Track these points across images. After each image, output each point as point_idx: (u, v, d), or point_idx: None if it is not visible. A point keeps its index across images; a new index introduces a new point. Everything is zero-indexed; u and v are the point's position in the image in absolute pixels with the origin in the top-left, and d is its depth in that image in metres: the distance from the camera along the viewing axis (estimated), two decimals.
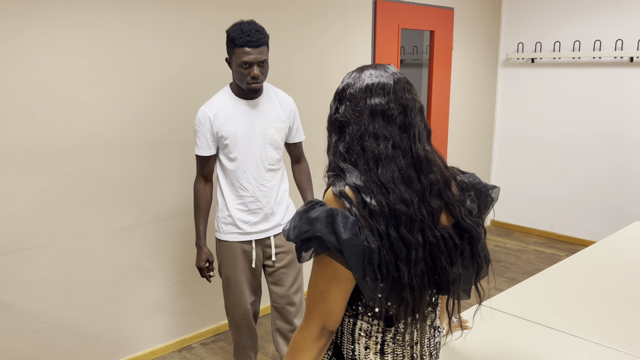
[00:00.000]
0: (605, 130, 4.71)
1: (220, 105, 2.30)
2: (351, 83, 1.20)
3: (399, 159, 1.13)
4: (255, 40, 2.16)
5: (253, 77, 2.20)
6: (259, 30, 2.19)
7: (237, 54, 2.18)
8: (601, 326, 1.74)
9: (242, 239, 2.38)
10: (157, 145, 2.95)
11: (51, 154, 2.58)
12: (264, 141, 2.32)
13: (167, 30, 2.90)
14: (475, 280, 1.26)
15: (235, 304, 2.43)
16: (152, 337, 3.09)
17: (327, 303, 1.14)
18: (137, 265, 2.96)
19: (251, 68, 2.19)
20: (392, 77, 1.18)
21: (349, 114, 1.17)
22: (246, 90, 2.26)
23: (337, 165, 1.17)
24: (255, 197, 2.35)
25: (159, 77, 2.91)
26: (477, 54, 5.06)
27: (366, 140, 1.14)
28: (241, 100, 2.31)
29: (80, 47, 2.60)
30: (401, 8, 4.18)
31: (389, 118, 1.15)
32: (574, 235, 5.02)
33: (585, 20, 4.69)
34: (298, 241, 1.10)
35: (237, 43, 2.17)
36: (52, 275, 2.65)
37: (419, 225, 1.12)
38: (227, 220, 2.37)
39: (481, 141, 5.36)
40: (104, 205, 2.79)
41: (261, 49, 2.19)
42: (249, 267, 2.41)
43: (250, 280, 2.43)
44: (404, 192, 1.11)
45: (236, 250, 2.38)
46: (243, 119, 2.29)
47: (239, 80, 2.24)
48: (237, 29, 2.19)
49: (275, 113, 2.36)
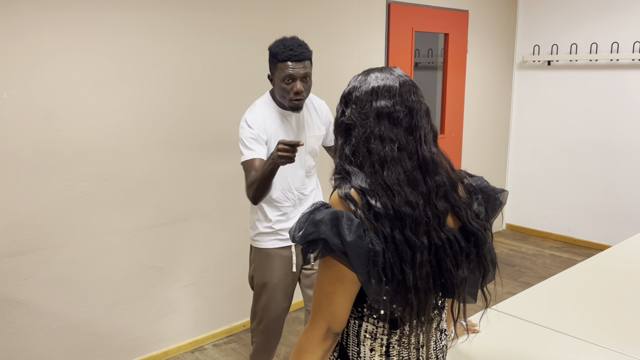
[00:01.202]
0: (623, 133, 4.64)
1: (265, 114, 2.26)
2: (357, 86, 1.20)
3: (404, 161, 1.13)
4: (298, 54, 2.12)
5: (296, 93, 2.15)
6: (302, 45, 2.16)
7: (280, 68, 2.14)
8: (611, 331, 1.72)
9: (281, 244, 2.34)
10: (172, 147, 2.98)
11: (67, 156, 2.62)
12: (305, 151, 2.32)
13: (183, 33, 2.93)
14: (481, 284, 1.25)
15: (269, 309, 2.38)
16: (165, 337, 3.12)
17: (333, 305, 1.14)
18: (151, 266, 2.99)
19: (294, 83, 2.14)
20: (397, 79, 1.19)
21: (355, 116, 1.17)
22: (288, 108, 2.24)
23: (343, 168, 1.18)
24: (295, 205, 2.34)
25: (175, 79, 2.94)
26: (492, 57, 5.02)
27: (372, 142, 1.14)
28: (285, 112, 2.27)
29: (96, 49, 2.65)
30: (415, 11, 4.17)
31: (394, 120, 1.15)
32: (591, 240, 4.95)
33: (602, 21, 4.63)
34: (304, 243, 1.11)
35: (279, 58, 2.13)
36: (67, 275, 2.70)
37: (424, 227, 1.12)
38: (268, 231, 2.33)
39: (496, 144, 5.31)
40: (119, 207, 2.83)
41: (304, 63, 2.14)
42: (288, 272, 2.36)
43: (289, 286, 2.39)
44: (409, 194, 1.11)
45: (275, 256, 2.34)
46: (287, 130, 2.27)
47: (281, 97, 2.19)
48: (279, 44, 2.16)
49: (313, 122, 2.35)
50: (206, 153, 3.12)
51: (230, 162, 3.21)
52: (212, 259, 3.25)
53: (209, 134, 3.11)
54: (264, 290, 2.37)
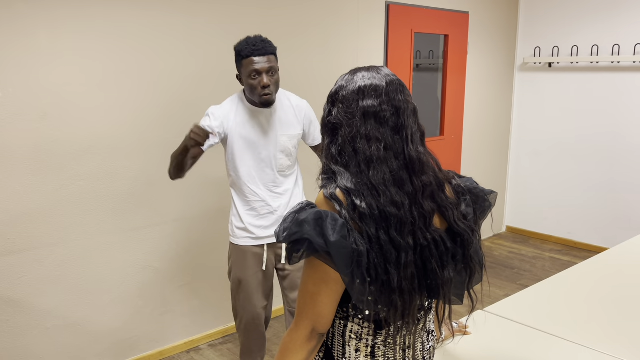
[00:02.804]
0: (624, 136, 4.61)
1: (233, 110, 2.30)
2: (344, 85, 1.19)
3: (390, 160, 1.13)
4: (261, 49, 2.17)
5: (263, 87, 2.19)
6: (265, 41, 2.21)
7: (245, 65, 2.19)
8: (603, 333, 1.70)
9: (253, 243, 2.39)
10: (168, 147, 2.97)
11: (63, 156, 2.62)
12: (275, 149, 2.33)
13: (179, 32, 2.93)
14: (468, 285, 1.24)
15: (245, 307, 2.43)
16: (160, 337, 3.11)
17: (317, 305, 1.14)
18: (147, 266, 2.99)
19: (260, 77, 2.18)
20: (384, 78, 1.18)
21: (341, 116, 1.17)
22: (259, 104, 2.27)
23: (329, 167, 1.17)
24: (266, 202, 2.36)
25: (171, 78, 2.94)
26: (492, 59, 5.01)
27: (358, 142, 1.13)
28: (254, 108, 2.31)
29: (92, 48, 2.65)
30: (415, 12, 4.16)
31: (381, 120, 1.14)
32: (591, 243, 4.92)
33: (603, 24, 4.61)
34: (288, 243, 1.10)
35: (243, 55, 2.19)
36: (62, 274, 2.70)
37: (410, 228, 1.11)
38: (239, 225, 2.39)
39: (497, 147, 5.29)
40: (115, 206, 2.82)
41: (269, 57, 2.19)
42: (260, 271, 2.41)
43: (262, 284, 2.43)
44: (395, 194, 1.10)
45: (247, 253, 2.39)
46: (255, 127, 2.30)
47: (250, 93, 2.24)
48: (242, 42, 2.22)
49: (287, 120, 2.35)
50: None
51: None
52: (207, 259, 3.25)
53: None
54: (240, 288, 2.41)
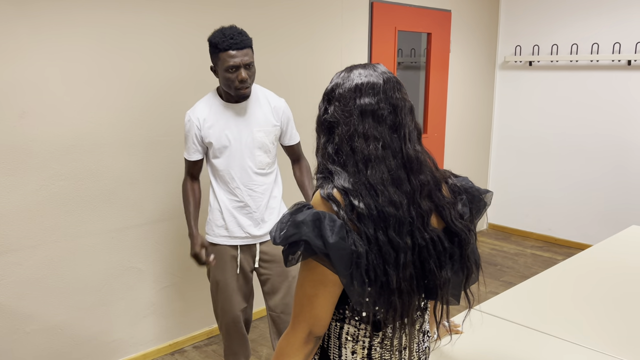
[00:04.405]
0: (603, 133, 4.69)
1: (206, 110, 2.26)
2: (340, 83, 1.18)
3: (388, 159, 1.11)
4: (238, 42, 2.11)
5: (241, 81, 2.14)
6: (242, 33, 2.14)
7: (222, 58, 2.12)
8: (594, 331, 1.72)
9: (230, 242, 2.35)
10: (151, 146, 2.93)
11: (43, 155, 2.56)
12: (253, 145, 2.28)
13: (160, 31, 2.88)
14: (464, 285, 1.24)
15: (225, 309, 2.40)
16: (144, 340, 3.06)
17: (315, 308, 1.12)
18: (130, 267, 2.94)
19: (238, 71, 2.13)
20: (381, 76, 1.16)
21: (338, 114, 1.15)
22: (234, 96, 2.23)
23: (326, 167, 1.15)
24: (245, 202, 2.31)
25: (154, 77, 2.89)
26: (474, 57, 5.04)
27: (356, 141, 1.12)
28: (228, 104, 2.27)
29: (73, 47, 2.58)
30: (398, 10, 4.17)
31: (379, 118, 1.13)
32: (571, 239, 5.00)
33: (582, 23, 4.68)
34: (285, 244, 1.08)
35: (220, 47, 2.11)
36: (43, 277, 2.63)
37: (408, 227, 1.10)
38: (218, 223, 2.34)
39: (478, 144, 5.34)
40: (97, 207, 2.77)
41: (246, 51, 2.13)
42: (238, 273, 2.38)
43: (241, 286, 2.39)
44: (393, 193, 1.09)
45: (225, 254, 2.35)
46: (230, 123, 2.25)
47: (226, 87, 2.19)
48: (218, 34, 2.13)
49: (263, 116, 2.30)
50: None
51: None
52: (191, 260, 3.20)
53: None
54: (218, 290, 2.38)
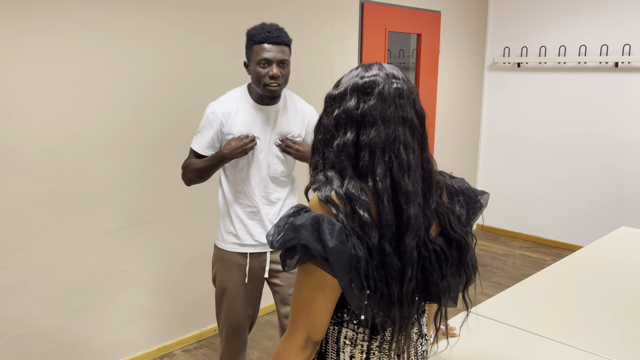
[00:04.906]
0: (591, 135, 4.73)
1: (232, 106, 2.13)
2: (378, 81, 1.11)
3: (414, 169, 1.09)
4: (275, 37, 2.00)
5: (272, 77, 2.01)
6: (281, 29, 2.05)
7: (255, 51, 2.01)
8: (589, 333, 1.72)
9: (238, 249, 2.22)
10: (139, 147, 2.88)
11: (29, 156, 2.50)
12: (271, 152, 2.16)
13: (150, 31, 2.84)
14: (463, 289, 1.23)
15: (228, 316, 2.28)
16: (132, 343, 3.01)
17: (313, 312, 1.10)
18: (118, 270, 2.89)
19: (270, 67, 2.00)
20: (407, 83, 1.14)
21: (378, 113, 1.08)
22: (263, 95, 2.09)
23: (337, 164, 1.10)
24: (257, 208, 2.19)
25: (143, 78, 2.84)
26: (463, 58, 5.06)
27: (397, 146, 1.08)
28: (257, 105, 2.14)
29: (61, 46, 2.54)
30: (388, 11, 4.16)
31: (413, 128, 1.11)
32: (559, 240, 5.03)
33: (570, 25, 4.72)
34: (283, 248, 1.06)
35: (255, 40, 2.01)
36: (29, 280, 2.58)
37: (417, 239, 1.09)
38: (228, 229, 2.23)
39: (467, 145, 5.36)
40: (84, 209, 2.72)
41: (282, 47, 2.03)
42: (245, 282, 2.26)
43: (248, 295, 2.27)
44: (417, 203, 1.08)
45: (232, 262, 2.24)
46: (255, 125, 2.13)
47: (256, 82, 2.06)
48: (257, 27, 2.05)
49: (288, 125, 2.18)
50: (174, 153, 3.03)
51: None
52: (181, 262, 3.17)
53: (177, 133, 3.02)
54: (224, 297, 2.28)
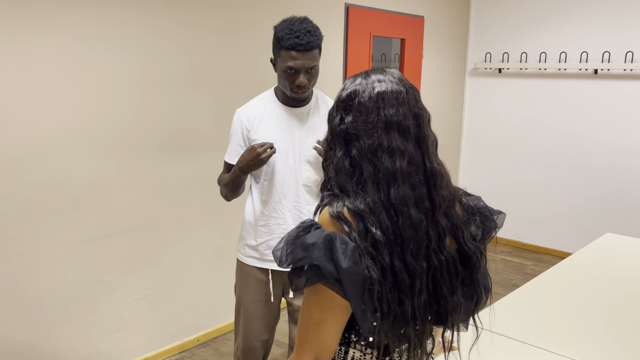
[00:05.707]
0: (571, 141, 4.79)
1: (258, 109, 2.04)
2: (359, 90, 1.08)
3: (413, 176, 1.04)
4: (304, 43, 1.87)
5: (298, 86, 1.92)
6: (311, 32, 1.90)
7: (283, 57, 1.90)
8: (582, 343, 1.71)
9: (259, 264, 2.09)
10: (121, 150, 2.78)
11: (4, 161, 2.39)
12: (301, 157, 2.03)
13: (134, 31, 2.74)
14: (473, 310, 1.18)
15: (244, 334, 2.15)
16: (113, 355, 2.91)
17: (322, 334, 1.05)
18: (98, 280, 2.78)
19: (297, 75, 1.90)
20: (401, 83, 1.09)
21: (359, 125, 1.06)
22: (289, 98, 2.02)
23: (339, 183, 1.07)
24: (284, 220, 2.04)
25: (124, 79, 2.75)
26: (445, 63, 5.07)
27: (380, 156, 1.03)
28: (285, 107, 2.04)
29: (37, 48, 2.42)
30: (373, 15, 4.14)
31: (404, 131, 1.05)
32: (539, 244, 5.08)
33: (551, 32, 4.76)
34: (294, 268, 1.00)
35: (283, 44, 1.89)
36: (4, 292, 2.45)
37: (425, 250, 1.04)
38: (250, 243, 2.10)
39: (448, 150, 5.37)
40: (63, 217, 2.61)
41: (311, 53, 1.90)
42: (264, 300, 2.12)
43: (266, 315, 2.14)
44: (414, 214, 1.02)
45: (252, 276, 2.11)
46: (282, 129, 2.01)
47: (282, 85, 1.97)
48: (286, 27, 1.90)
49: (319, 126, 2.05)
50: (159, 157, 2.94)
51: (186, 166, 3.04)
52: (164, 272, 3.07)
53: (162, 136, 2.93)
54: (240, 312, 2.17)
